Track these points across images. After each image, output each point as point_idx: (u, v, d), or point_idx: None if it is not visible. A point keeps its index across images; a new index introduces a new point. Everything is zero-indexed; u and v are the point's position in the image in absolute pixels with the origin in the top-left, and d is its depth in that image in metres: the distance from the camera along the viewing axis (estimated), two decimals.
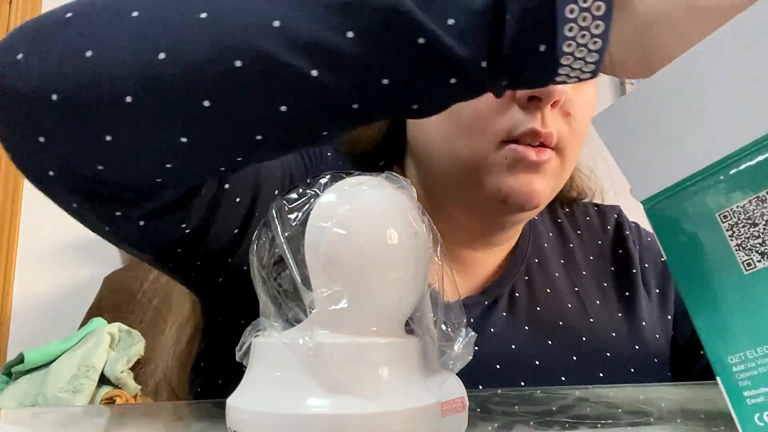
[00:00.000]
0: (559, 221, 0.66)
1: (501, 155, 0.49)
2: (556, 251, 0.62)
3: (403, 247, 0.27)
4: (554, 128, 0.50)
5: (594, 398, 0.40)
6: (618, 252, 0.64)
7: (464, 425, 0.29)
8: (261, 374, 0.27)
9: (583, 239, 0.64)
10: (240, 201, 0.45)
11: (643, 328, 0.59)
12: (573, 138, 0.52)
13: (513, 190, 0.50)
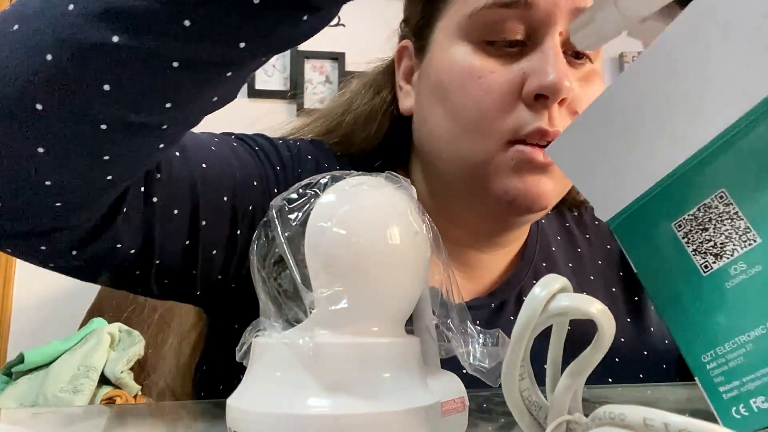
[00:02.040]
0: (567, 225, 0.65)
1: (507, 156, 0.48)
2: (564, 255, 0.61)
3: (404, 247, 0.27)
4: (562, 127, 0.48)
5: (594, 398, 0.40)
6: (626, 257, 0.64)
7: (464, 425, 0.29)
8: (261, 374, 0.27)
9: (591, 244, 0.64)
10: (179, 212, 0.43)
11: (652, 334, 0.58)
12: None
13: (520, 192, 0.48)
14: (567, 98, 0.48)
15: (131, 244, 0.41)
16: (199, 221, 0.45)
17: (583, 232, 0.64)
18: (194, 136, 0.48)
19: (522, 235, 0.60)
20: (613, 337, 0.23)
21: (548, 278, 0.23)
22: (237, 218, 0.47)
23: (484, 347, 0.30)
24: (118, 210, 0.39)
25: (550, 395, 0.24)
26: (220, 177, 0.47)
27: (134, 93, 0.32)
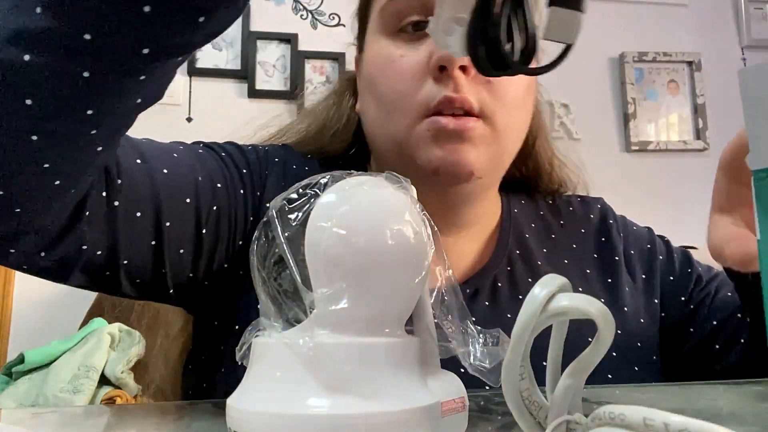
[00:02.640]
0: (541, 213, 0.67)
1: (423, 128, 0.51)
2: (538, 241, 0.63)
3: (403, 247, 0.27)
4: (472, 95, 0.51)
5: (595, 398, 0.40)
6: (601, 240, 0.65)
7: (464, 425, 0.29)
8: (261, 374, 0.27)
9: (565, 228, 0.66)
10: (141, 215, 0.45)
11: (626, 313, 0.60)
12: (498, 105, 0.53)
13: (441, 160, 0.51)
14: (467, 66, 0.51)
15: (97, 246, 0.43)
16: (163, 223, 0.47)
17: (557, 219, 0.67)
18: (158, 144, 0.51)
19: (477, 215, 0.61)
20: (612, 337, 0.23)
21: (548, 278, 0.23)
22: (201, 219, 0.49)
23: (484, 347, 0.30)
24: (81, 214, 0.41)
25: (550, 395, 0.24)
26: (182, 180, 0.49)
27: (55, 104, 0.33)
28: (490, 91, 0.53)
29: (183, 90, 1.88)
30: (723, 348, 0.60)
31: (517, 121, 0.56)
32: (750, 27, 2.20)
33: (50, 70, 0.32)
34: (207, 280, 0.52)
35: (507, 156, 0.57)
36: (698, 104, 2.11)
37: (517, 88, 0.55)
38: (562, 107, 2.05)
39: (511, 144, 0.56)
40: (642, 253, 0.65)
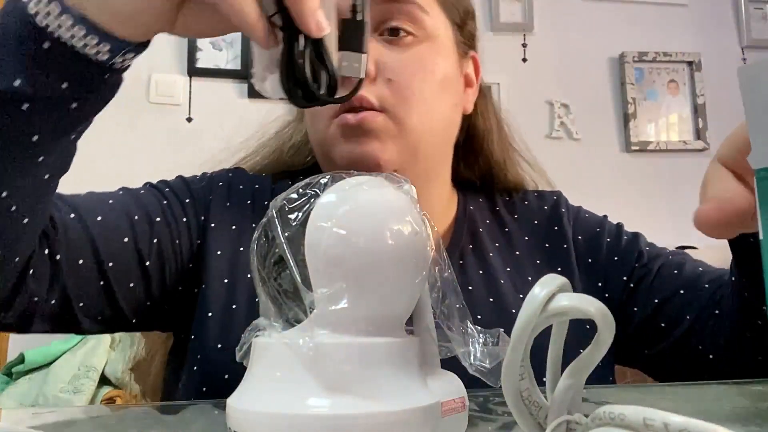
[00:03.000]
0: (497, 209, 0.70)
1: (334, 128, 0.57)
2: (491, 236, 0.66)
3: (403, 247, 0.27)
4: (371, 94, 0.56)
5: (595, 398, 0.40)
6: (553, 229, 0.67)
7: (464, 425, 0.29)
8: (261, 374, 0.27)
9: (519, 222, 0.68)
10: (83, 261, 0.49)
11: None
12: (399, 99, 0.57)
13: (350, 155, 0.56)
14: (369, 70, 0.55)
15: (49, 297, 0.47)
16: (105, 264, 0.51)
17: (511, 213, 0.69)
18: (95, 195, 0.56)
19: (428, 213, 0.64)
20: (612, 337, 0.23)
21: (548, 278, 0.23)
22: (142, 253, 0.53)
23: (484, 347, 0.30)
24: (26, 274, 0.45)
25: (550, 395, 0.24)
26: (117, 222, 0.53)
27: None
28: (391, 89, 0.57)
29: (183, 90, 1.88)
30: (668, 326, 0.60)
31: (426, 117, 0.59)
32: (750, 27, 2.20)
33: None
34: (165, 303, 0.56)
35: (423, 149, 0.59)
36: (698, 104, 2.11)
37: (421, 88, 0.58)
38: (562, 107, 2.05)
39: (425, 137, 0.59)
40: (589, 238, 0.66)
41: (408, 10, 0.60)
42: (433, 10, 0.62)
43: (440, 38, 0.62)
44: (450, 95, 0.63)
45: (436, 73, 0.60)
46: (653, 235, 0.69)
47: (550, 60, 2.08)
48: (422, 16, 0.60)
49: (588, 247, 0.66)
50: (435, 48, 0.61)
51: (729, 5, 2.24)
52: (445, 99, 0.62)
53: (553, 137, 2.04)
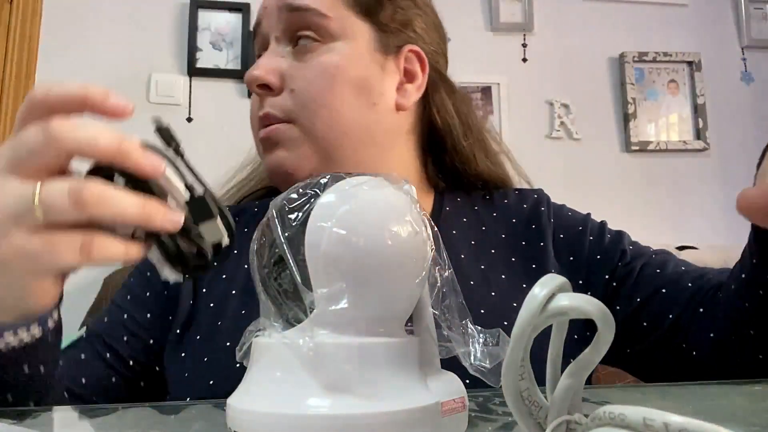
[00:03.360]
0: (475, 208, 0.70)
1: (258, 143, 0.63)
2: (466, 236, 0.66)
3: (403, 248, 0.27)
4: (275, 108, 0.60)
5: (595, 398, 0.40)
6: (531, 227, 0.67)
7: (464, 425, 0.29)
8: (261, 374, 0.27)
9: (497, 220, 0.68)
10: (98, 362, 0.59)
11: None
12: (302, 108, 0.60)
13: (268, 166, 0.62)
14: (269, 82, 0.60)
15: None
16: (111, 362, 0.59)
17: (490, 211, 0.70)
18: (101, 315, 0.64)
19: None
20: (612, 338, 0.23)
21: (548, 278, 0.23)
22: (138, 333, 0.61)
23: (484, 347, 0.30)
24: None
25: (550, 395, 0.24)
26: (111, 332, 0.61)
27: None
28: (294, 99, 0.60)
29: (183, 90, 1.87)
30: (650, 324, 0.60)
31: (334, 122, 0.61)
32: (750, 27, 2.20)
33: None
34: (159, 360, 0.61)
35: (340, 153, 0.61)
36: (698, 104, 2.11)
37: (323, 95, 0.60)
38: (562, 107, 2.05)
39: (338, 142, 0.61)
40: (571, 236, 0.66)
41: (308, 18, 0.61)
42: (338, 12, 0.62)
43: (350, 40, 0.62)
44: (364, 95, 0.62)
45: (339, 77, 0.61)
46: (653, 235, 0.69)
47: (550, 60, 2.08)
48: (324, 22, 0.61)
49: (570, 244, 0.65)
50: (341, 51, 0.61)
51: (729, 5, 2.24)
52: (357, 100, 0.62)
53: (553, 137, 2.04)
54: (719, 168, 2.10)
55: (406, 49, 0.66)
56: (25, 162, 0.35)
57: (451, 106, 0.70)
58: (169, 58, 1.88)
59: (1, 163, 0.36)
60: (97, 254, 0.35)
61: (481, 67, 2.04)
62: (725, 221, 2.06)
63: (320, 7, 0.61)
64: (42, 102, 0.36)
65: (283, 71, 0.61)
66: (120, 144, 0.35)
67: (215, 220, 0.37)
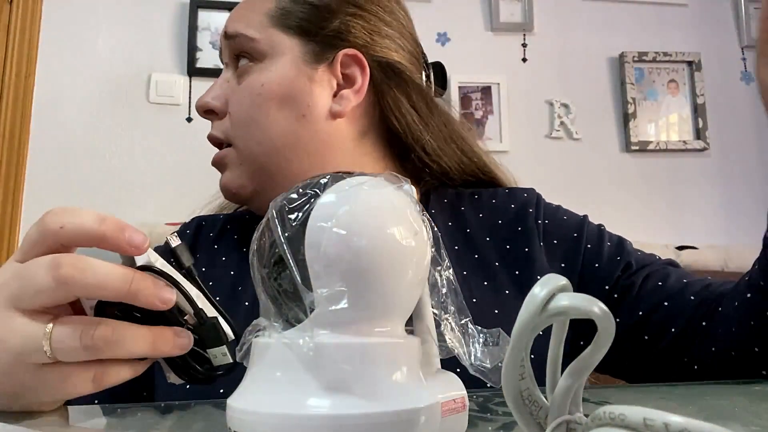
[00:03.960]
0: (462, 209, 0.69)
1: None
2: (449, 240, 0.65)
3: (404, 247, 0.27)
4: (217, 131, 0.65)
5: (595, 398, 0.40)
6: (517, 230, 0.65)
7: (464, 425, 0.29)
8: (261, 374, 0.27)
9: (482, 221, 0.67)
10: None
11: None
12: (237, 130, 0.63)
13: (220, 188, 0.66)
14: (213, 108, 0.65)
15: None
16: None
17: (476, 211, 0.68)
18: None
19: None
20: (612, 338, 0.22)
21: (548, 278, 0.23)
22: None
23: (484, 347, 0.30)
24: None
25: (550, 395, 0.24)
26: None
27: None
28: (231, 122, 0.64)
29: (183, 90, 1.87)
30: (651, 338, 0.58)
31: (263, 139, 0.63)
32: (750, 27, 2.20)
33: None
34: None
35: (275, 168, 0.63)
36: (698, 104, 2.11)
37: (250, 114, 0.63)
38: (562, 107, 2.05)
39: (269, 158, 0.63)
40: (565, 242, 0.64)
41: (240, 44, 0.64)
42: (265, 33, 0.64)
43: (276, 58, 0.63)
44: (291, 109, 0.63)
45: (265, 95, 0.62)
46: (653, 235, 0.69)
47: (550, 60, 2.08)
48: (252, 45, 0.63)
49: (563, 251, 0.64)
50: (267, 69, 0.63)
51: (729, 5, 2.24)
52: (285, 115, 0.63)
53: (553, 137, 2.04)
54: (719, 168, 2.10)
55: (340, 55, 0.64)
56: (33, 301, 0.35)
57: (406, 103, 0.67)
58: (169, 58, 1.89)
59: (5, 293, 0.35)
60: (108, 382, 0.36)
61: (481, 67, 2.04)
62: (725, 221, 2.07)
63: (247, 31, 0.64)
64: (55, 235, 0.35)
65: (227, 96, 0.65)
66: (129, 285, 0.35)
67: (224, 346, 0.38)
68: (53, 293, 0.34)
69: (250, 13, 0.65)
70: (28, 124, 1.78)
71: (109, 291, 0.34)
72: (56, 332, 0.34)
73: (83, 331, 0.34)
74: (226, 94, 0.65)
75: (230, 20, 0.66)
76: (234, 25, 0.65)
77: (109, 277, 0.34)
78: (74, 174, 1.76)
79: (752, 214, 2.09)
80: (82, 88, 1.81)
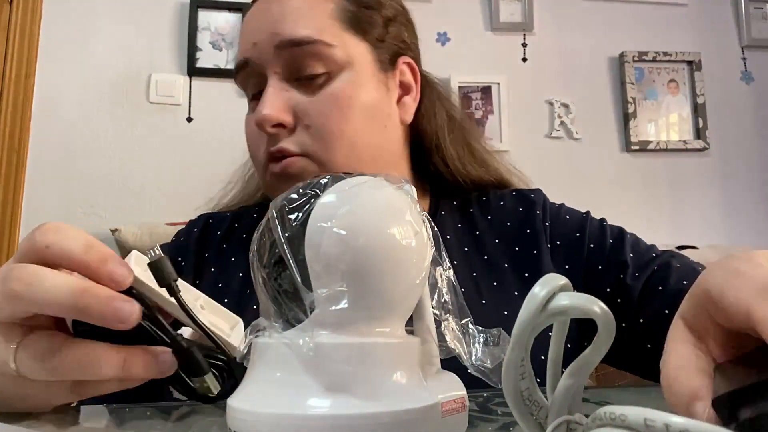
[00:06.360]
0: (471, 211, 0.69)
1: (267, 176, 0.62)
2: (459, 241, 0.65)
3: (404, 248, 0.27)
4: (290, 143, 0.59)
5: (595, 399, 0.40)
6: (526, 232, 0.65)
7: (464, 425, 0.29)
8: (261, 374, 0.27)
9: (491, 223, 0.67)
10: None
11: None
12: (319, 144, 0.59)
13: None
14: (284, 122, 0.59)
15: None
16: None
17: (485, 214, 0.68)
18: None
19: None
20: (612, 338, 0.22)
21: (548, 277, 0.23)
22: None
23: (485, 347, 0.30)
24: None
25: (551, 395, 0.24)
26: None
27: None
28: (310, 134, 0.59)
29: (183, 90, 1.87)
30: (654, 347, 0.57)
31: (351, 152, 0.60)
32: (750, 27, 2.20)
33: None
34: None
35: None
36: (698, 104, 2.11)
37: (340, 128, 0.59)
38: (562, 107, 2.05)
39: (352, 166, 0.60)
40: (569, 243, 0.64)
41: (314, 50, 0.59)
42: (342, 40, 0.60)
43: (356, 66, 0.61)
44: (377, 120, 0.62)
45: (354, 107, 0.60)
46: (653, 235, 0.69)
47: (550, 60, 2.08)
48: (330, 51, 0.59)
49: (567, 252, 0.64)
50: (350, 80, 0.60)
51: (729, 5, 2.24)
52: (371, 126, 0.61)
53: (553, 137, 2.04)
54: (719, 168, 2.10)
55: (400, 62, 0.65)
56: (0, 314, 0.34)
57: (438, 109, 0.70)
58: (169, 58, 1.88)
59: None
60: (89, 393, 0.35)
61: (481, 67, 2.03)
62: (725, 221, 2.06)
63: (323, 36, 0.59)
64: (39, 252, 0.34)
65: (292, 107, 0.59)
66: (77, 300, 0.32)
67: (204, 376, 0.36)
68: (8, 309, 0.33)
69: (313, 15, 0.60)
70: (28, 124, 1.78)
71: (54, 307, 0.32)
72: (19, 353, 0.33)
73: (45, 353, 0.33)
74: (291, 105, 0.59)
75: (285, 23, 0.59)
76: (297, 30, 0.58)
77: (52, 292, 0.32)
78: (74, 174, 1.76)
79: (752, 214, 2.09)
80: (82, 88, 1.81)
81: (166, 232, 1.23)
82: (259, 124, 0.59)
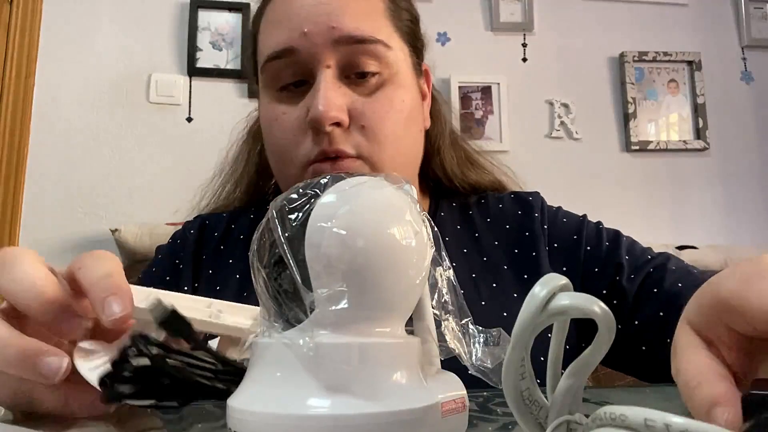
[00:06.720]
0: (470, 213, 0.69)
1: (307, 175, 0.57)
2: (459, 243, 0.65)
3: (404, 248, 0.27)
4: (347, 144, 0.56)
5: (596, 399, 0.40)
6: (525, 234, 0.65)
7: (464, 426, 0.29)
8: (261, 374, 0.27)
9: (490, 226, 0.67)
10: None
11: None
12: (374, 145, 0.57)
13: None
14: (342, 121, 0.56)
15: None
16: None
17: (484, 216, 0.68)
18: None
19: None
20: (613, 338, 0.22)
21: (548, 277, 0.23)
22: None
23: (485, 347, 0.30)
24: None
25: (551, 395, 0.24)
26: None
27: None
28: (365, 135, 0.57)
29: (183, 90, 1.87)
30: (649, 349, 0.57)
31: (397, 155, 0.59)
32: (750, 27, 2.20)
33: None
34: None
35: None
36: (698, 104, 2.11)
37: (393, 130, 0.58)
38: (562, 107, 2.05)
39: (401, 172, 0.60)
40: (566, 246, 0.64)
41: (373, 50, 0.58)
42: (395, 41, 0.60)
43: (401, 71, 0.61)
44: (416, 124, 0.63)
45: (403, 111, 0.60)
46: (653, 235, 0.69)
47: (550, 60, 2.08)
48: (387, 53, 0.59)
49: (564, 255, 0.64)
50: (399, 84, 0.60)
51: (729, 5, 2.24)
52: (412, 130, 0.62)
53: (553, 137, 2.04)
54: (719, 168, 2.10)
55: (423, 67, 0.67)
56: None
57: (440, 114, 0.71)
58: (169, 58, 1.89)
59: None
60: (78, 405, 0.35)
61: (481, 67, 2.04)
62: (725, 221, 2.07)
63: (383, 36, 0.58)
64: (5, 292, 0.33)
65: (348, 106, 0.57)
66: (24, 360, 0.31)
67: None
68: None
69: (370, 12, 0.58)
70: (28, 124, 1.78)
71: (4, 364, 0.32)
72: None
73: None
74: (347, 104, 0.57)
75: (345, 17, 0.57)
76: (360, 26, 0.57)
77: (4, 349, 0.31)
78: (74, 174, 1.76)
79: (752, 214, 2.09)
80: (82, 88, 1.81)
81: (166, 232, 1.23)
82: (317, 121, 0.55)
